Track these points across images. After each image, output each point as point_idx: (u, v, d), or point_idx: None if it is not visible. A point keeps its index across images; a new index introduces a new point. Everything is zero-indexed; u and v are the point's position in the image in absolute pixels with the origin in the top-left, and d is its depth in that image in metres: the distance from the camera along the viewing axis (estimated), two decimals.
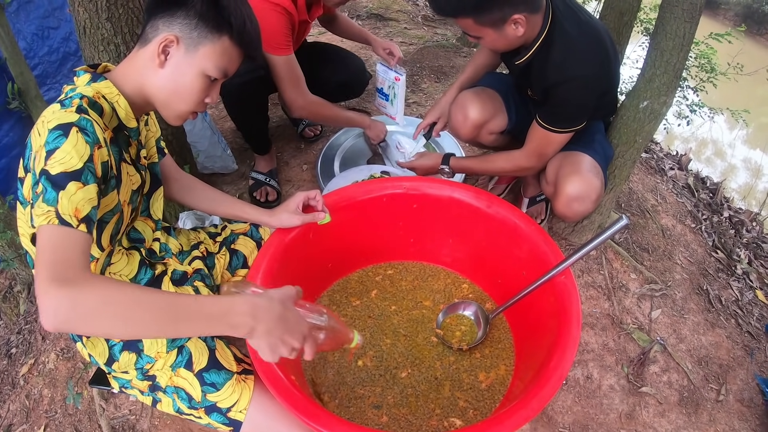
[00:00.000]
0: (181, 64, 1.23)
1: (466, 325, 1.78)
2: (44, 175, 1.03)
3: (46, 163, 1.03)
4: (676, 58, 1.83)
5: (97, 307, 0.92)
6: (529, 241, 1.66)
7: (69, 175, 1.04)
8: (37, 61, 3.44)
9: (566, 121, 1.77)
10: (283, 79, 2.21)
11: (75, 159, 1.05)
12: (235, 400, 1.37)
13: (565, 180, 1.80)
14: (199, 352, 1.42)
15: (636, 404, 1.92)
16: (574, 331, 1.39)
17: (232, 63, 1.30)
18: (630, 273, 2.33)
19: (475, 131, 2.04)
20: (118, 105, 1.23)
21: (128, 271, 1.36)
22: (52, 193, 1.01)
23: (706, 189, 3.16)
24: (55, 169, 1.03)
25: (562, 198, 1.81)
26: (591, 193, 1.79)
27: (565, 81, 1.69)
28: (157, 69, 1.23)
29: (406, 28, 4.28)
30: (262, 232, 1.75)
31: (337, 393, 1.61)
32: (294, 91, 2.25)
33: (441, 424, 1.56)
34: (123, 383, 1.42)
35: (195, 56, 1.23)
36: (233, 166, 2.71)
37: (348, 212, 1.77)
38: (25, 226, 1.21)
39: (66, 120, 1.07)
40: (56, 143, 1.04)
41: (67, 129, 1.06)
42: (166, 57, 1.23)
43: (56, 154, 1.03)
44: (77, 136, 1.06)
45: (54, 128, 1.06)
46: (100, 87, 1.21)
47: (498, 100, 2.05)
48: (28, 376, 2.08)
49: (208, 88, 1.29)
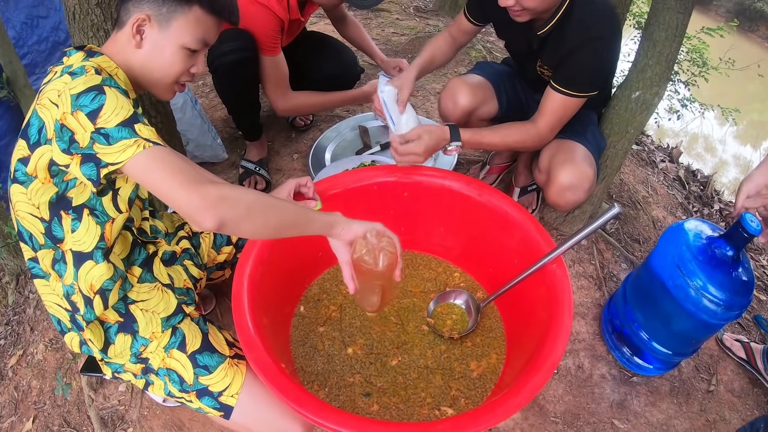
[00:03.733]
0: (158, 42, 1.24)
1: (457, 313, 1.77)
2: (100, 129, 1.04)
3: (96, 123, 1.04)
4: (669, 49, 1.82)
5: (254, 202, 1.10)
6: (520, 230, 1.66)
7: (129, 119, 1.06)
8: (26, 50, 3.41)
9: (585, 84, 1.75)
10: (267, 79, 2.24)
11: (126, 108, 1.07)
12: (227, 384, 1.37)
13: (558, 169, 1.80)
14: (193, 334, 1.42)
15: (627, 394, 1.92)
16: (566, 319, 1.39)
17: (209, 31, 1.30)
18: (621, 263, 2.33)
19: (464, 118, 2.04)
20: (118, 78, 1.23)
21: (120, 250, 1.35)
22: (124, 130, 1.04)
23: (697, 182, 3.17)
24: (112, 122, 1.05)
25: (555, 187, 1.81)
26: (584, 183, 1.79)
27: (588, 41, 1.68)
28: (136, 50, 1.24)
29: (398, 19, 4.27)
30: None
31: (327, 381, 1.60)
32: (275, 92, 2.27)
33: (432, 413, 1.55)
34: (116, 368, 1.42)
35: (169, 31, 1.23)
36: (223, 155, 2.69)
37: (338, 200, 1.75)
38: (26, 204, 1.20)
39: (93, 82, 1.08)
40: (98, 101, 1.05)
41: (100, 88, 1.07)
42: (141, 37, 1.23)
43: (104, 110, 1.05)
44: (113, 90, 1.08)
45: (84, 91, 1.06)
46: (98, 62, 1.21)
47: (488, 88, 2.05)
48: (17, 368, 2.06)
49: (191, 59, 1.29)
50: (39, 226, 1.23)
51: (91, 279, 1.27)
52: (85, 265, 1.26)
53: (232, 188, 1.08)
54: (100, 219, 1.24)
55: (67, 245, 1.24)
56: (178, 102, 2.43)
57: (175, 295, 1.45)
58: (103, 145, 1.04)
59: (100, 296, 1.29)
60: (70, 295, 1.29)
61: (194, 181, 1.03)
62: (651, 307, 1.80)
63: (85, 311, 1.29)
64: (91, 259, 1.26)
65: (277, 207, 1.17)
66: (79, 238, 1.23)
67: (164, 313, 1.40)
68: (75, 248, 1.24)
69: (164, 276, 1.46)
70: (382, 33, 4.03)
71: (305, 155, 2.70)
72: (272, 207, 1.16)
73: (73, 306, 1.30)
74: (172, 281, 1.47)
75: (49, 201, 1.20)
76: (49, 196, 1.19)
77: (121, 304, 1.35)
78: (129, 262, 1.38)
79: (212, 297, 2.04)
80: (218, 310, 2.04)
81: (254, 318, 1.38)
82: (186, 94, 2.49)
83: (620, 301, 1.95)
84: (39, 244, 1.25)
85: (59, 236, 1.24)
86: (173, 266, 1.52)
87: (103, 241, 1.26)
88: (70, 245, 1.24)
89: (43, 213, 1.21)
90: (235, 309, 1.38)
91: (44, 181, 1.17)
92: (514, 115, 2.01)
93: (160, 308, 1.40)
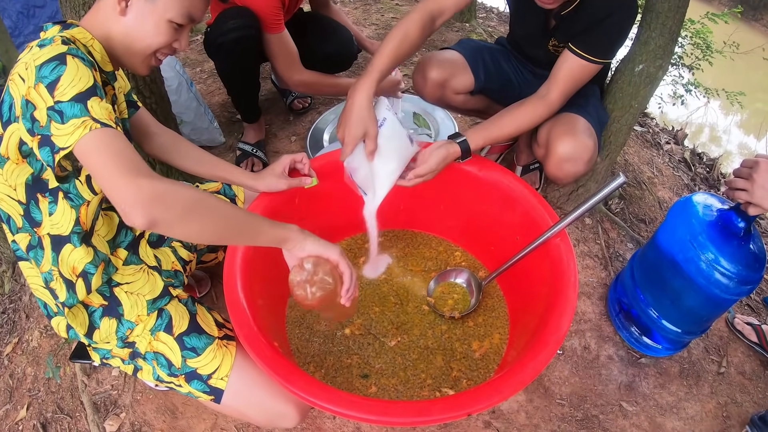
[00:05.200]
0: (143, 11, 1.18)
1: (459, 293, 1.72)
2: (57, 104, 0.98)
3: (53, 95, 0.99)
4: (672, 21, 1.78)
5: (193, 203, 1.01)
6: (522, 204, 1.61)
7: (85, 93, 1.01)
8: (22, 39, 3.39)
9: (609, 50, 1.70)
10: (276, 57, 2.18)
11: (84, 79, 1.02)
12: (216, 366, 1.32)
13: (556, 140, 1.74)
14: (180, 315, 1.37)
15: (635, 375, 1.86)
16: (571, 293, 1.34)
17: (197, 7, 1.24)
18: (627, 243, 2.28)
19: (438, 90, 1.98)
20: (93, 49, 1.19)
21: (105, 231, 1.31)
22: (76, 107, 0.98)
23: (703, 164, 3.11)
24: (68, 94, 0.99)
25: (554, 158, 1.75)
26: (583, 154, 1.73)
27: (618, 9, 1.63)
28: (119, 18, 1.19)
29: (397, 5, 4.21)
30: (235, 190, 1.71)
31: (324, 363, 1.56)
32: (289, 69, 2.22)
33: (433, 395, 1.51)
34: (104, 354, 1.38)
35: (156, 3, 1.18)
36: (220, 139, 2.65)
37: (335, 178, 1.70)
38: (2, 186, 1.16)
39: (57, 51, 1.03)
40: (57, 72, 1.00)
41: (62, 57, 1.02)
42: (126, 4, 1.17)
43: (62, 80, 0.99)
44: (75, 60, 1.03)
45: (46, 61, 1.01)
46: (73, 33, 1.16)
47: (460, 61, 1.98)
48: (12, 356, 2.03)
49: (175, 34, 1.24)
50: (17, 208, 1.18)
51: (72, 262, 1.23)
52: (66, 248, 1.22)
53: (173, 187, 1.00)
54: (75, 202, 1.19)
55: (45, 229, 1.20)
56: (173, 84, 2.38)
57: (162, 278, 1.41)
58: (58, 123, 0.98)
59: (82, 279, 1.25)
60: (49, 282, 1.25)
61: (134, 172, 0.96)
62: (660, 283, 1.74)
63: (67, 296, 1.25)
64: (69, 242, 1.22)
65: (221, 214, 1.08)
66: (57, 221, 1.19)
67: (150, 295, 1.36)
68: (53, 232, 1.20)
69: (150, 258, 1.42)
70: (381, 18, 3.98)
71: (303, 137, 2.66)
72: (214, 213, 1.07)
73: (52, 293, 1.26)
74: (159, 263, 1.43)
75: (25, 182, 1.15)
76: (25, 177, 1.15)
77: (105, 287, 1.31)
78: (114, 244, 1.34)
79: (207, 279, 2.00)
80: (214, 292, 2.00)
81: (247, 295, 1.34)
82: (181, 76, 2.44)
83: (628, 280, 1.89)
84: (17, 227, 1.21)
85: (38, 219, 1.19)
86: (161, 248, 1.48)
87: (79, 225, 1.21)
88: (48, 229, 1.20)
89: (20, 195, 1.17)
90: (226, 284, 1.34)
91: (17, 161, 1.13)
92: (496, 89, 1.99)
93: (146, 290, 1.36)
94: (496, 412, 1.72)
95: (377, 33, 3.70)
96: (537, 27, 1.84)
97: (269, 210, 1.53)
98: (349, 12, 4.03)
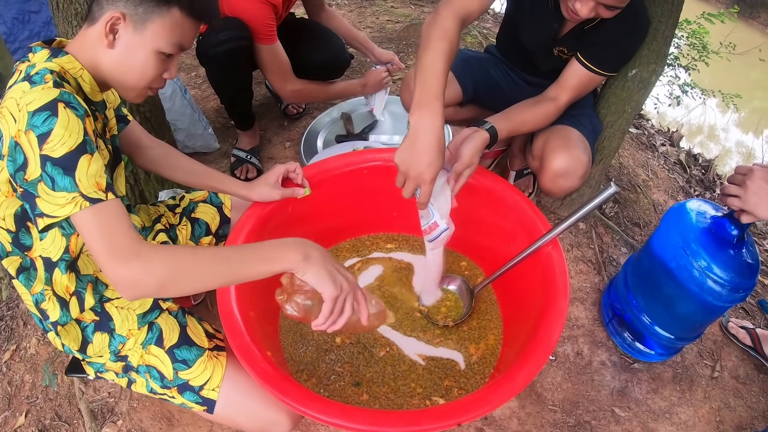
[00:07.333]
0: (131, 43, 1.15)
1: (451, 300, 1.73)
2: (47, 161, 0.98)
3: (42, 148, 0.98)
4: (665, 25, 1.78)
5: (168, 275, 1.00)
6: (515, 212, 1.61)
7: (75, 152, 1.00)
8: (17, 45, 3.38)
9: (617, 65, 1.79)
10: (268, 67, 2.19)
11: (74, 135, 1.01)
12: (208, 378, 1.33)
13: (551, 155, 1.74)
14: (170, 328, 1.38)
15: (628, 381, 1.87)
16: (562, 302, 1.35)
17: (187, 36, 1.20)
18: (620, 247, 2.28)
19: None
20: (83, 80, 1.17)
21: None
22: (66, 179, 0.99)
23: (699, 166, 3.11)
24: (58, 152, 0.98)
25: (548, 173, 1.76)
26: (578, 169, 1.74)
27: (638, 28, 1.70)
28: (107, 50, 1.15)
29: (392, 7, 4.22)
30: (222, 197, 1.72)
31: (316, 371, 1.56)
32: (281, 79, 2.23)
33: (423, 404, 1.51)
34: (98, 368, 1.40)
35: (144, 33, 1.14)
36: (215, 145, 2.66)
37: (328, 185, 1.71)
38: None
39: (48, 98, 1.01)
40: (48, 125, 0.99)
41: (54, 107, 1.00)
42: (114, 36, 1.14)
43: (52, 136, 0.98)
44: (66, 112, 1.01)
45: (38, 110, 0.99)
46: (62, 62, 1.13)
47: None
48: (10, 363, 2.04)
49: (164, 64, 1.21)
50: (5, 236, 1.18)
51: (66, 281, 1.24)
52: (56, 271, 1.23)
53: (149, 265, 0.99)
54: (66, 231, 1.20)
55: (36, 252, 1.21)
56: (167, 91, 2.39)
57: None
58: (47, 188, 0.98)
59: (76, 297, 1.27)
60: (40, 303, 1.26)
61: (113, 255, 0.98)
62: (653, 290, 1.75)
63: (60, 315, 1.26)
64: (57, 267, 1.23)
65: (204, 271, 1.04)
66: (47, 246, 1.19)
67: (140, 309, 1.37)
68: (44, 255, 1.21)
69: None
70: (376, 21, 3.99)
71: (297, 143, 2.66)
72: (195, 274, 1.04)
73: (42, 314, 1.27)
74: None
75: (14, 213, 1.15)
76: (14, 209, 1.15)
77: (96, 303, 1.33)
78: None
79: None
80: (209, 300, 2.01)
81: (240, 306, 1.34)
82: (175, 83, 2.45)
83: (621, 285, 1.90)
84: (6, 252, 1.21)
85: (28, 244, 1.20)
86: None
87: (68, 253, 1.22)
88: (39, 252, 1.20)
89: (9, 225, 1.17)
90: (219, 295, 1.35)
91: (7, 194, 1.12)
92: (487, 98, 2.01)
93: (136, 305, 1.37)
94: (489, 419, 1.73)
95: (372, 36, 3.71)
96: (547, 34, 1.83)
97: (261, 220, 1.54)
98: (344, 15, 4.04)
